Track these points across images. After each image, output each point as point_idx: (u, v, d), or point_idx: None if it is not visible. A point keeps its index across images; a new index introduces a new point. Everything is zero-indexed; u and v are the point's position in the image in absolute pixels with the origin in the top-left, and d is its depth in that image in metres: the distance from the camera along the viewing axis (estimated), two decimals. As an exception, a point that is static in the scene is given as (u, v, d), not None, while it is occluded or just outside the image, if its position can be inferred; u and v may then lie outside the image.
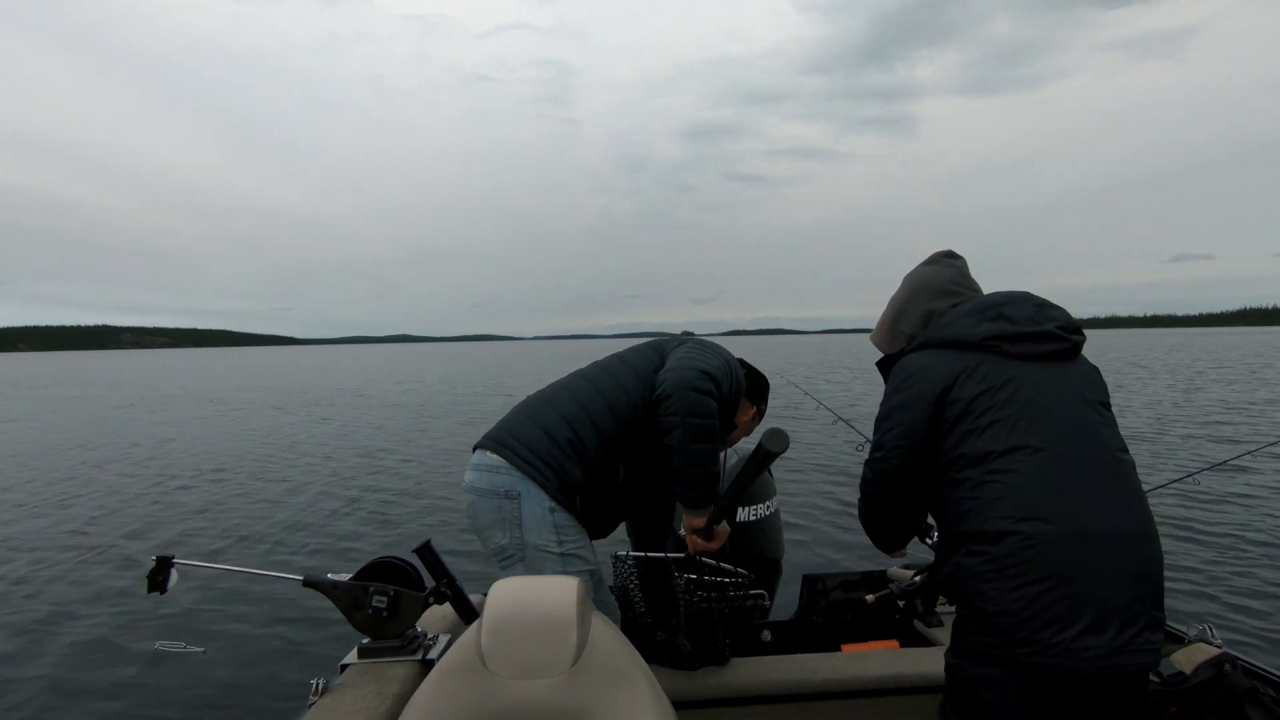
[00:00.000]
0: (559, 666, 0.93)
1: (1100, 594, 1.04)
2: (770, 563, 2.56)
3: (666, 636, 1.87)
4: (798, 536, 5.36)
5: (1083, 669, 1.03)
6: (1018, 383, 1.18)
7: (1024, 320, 1.24)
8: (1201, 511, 5.84)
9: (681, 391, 1.51)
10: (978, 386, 1.19)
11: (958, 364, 1.22)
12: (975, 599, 1.10)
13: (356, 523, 6.35)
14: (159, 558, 1.78)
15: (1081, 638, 1.02)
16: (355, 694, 1.51)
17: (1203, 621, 1.68)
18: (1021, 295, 1.30)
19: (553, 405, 1.66)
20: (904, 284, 1.48)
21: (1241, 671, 1.40)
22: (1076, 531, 1.06)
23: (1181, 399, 14.81)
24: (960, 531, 1.15)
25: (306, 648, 3.70)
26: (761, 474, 1.68)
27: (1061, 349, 1.23)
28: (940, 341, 1.28)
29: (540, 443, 1.58)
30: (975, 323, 1.26)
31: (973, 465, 1.15)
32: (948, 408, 1.20)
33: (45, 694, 3.30)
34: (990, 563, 1.09)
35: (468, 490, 1.63)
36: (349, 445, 11.09)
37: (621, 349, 1.83)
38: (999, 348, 1.22)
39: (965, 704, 1.15)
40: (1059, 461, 1.11)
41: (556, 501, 1.56)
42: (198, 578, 4.48)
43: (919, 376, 1.25)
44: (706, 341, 1.74)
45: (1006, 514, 1.09)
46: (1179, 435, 10.14)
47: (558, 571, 1.56)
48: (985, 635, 1.09)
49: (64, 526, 6.37)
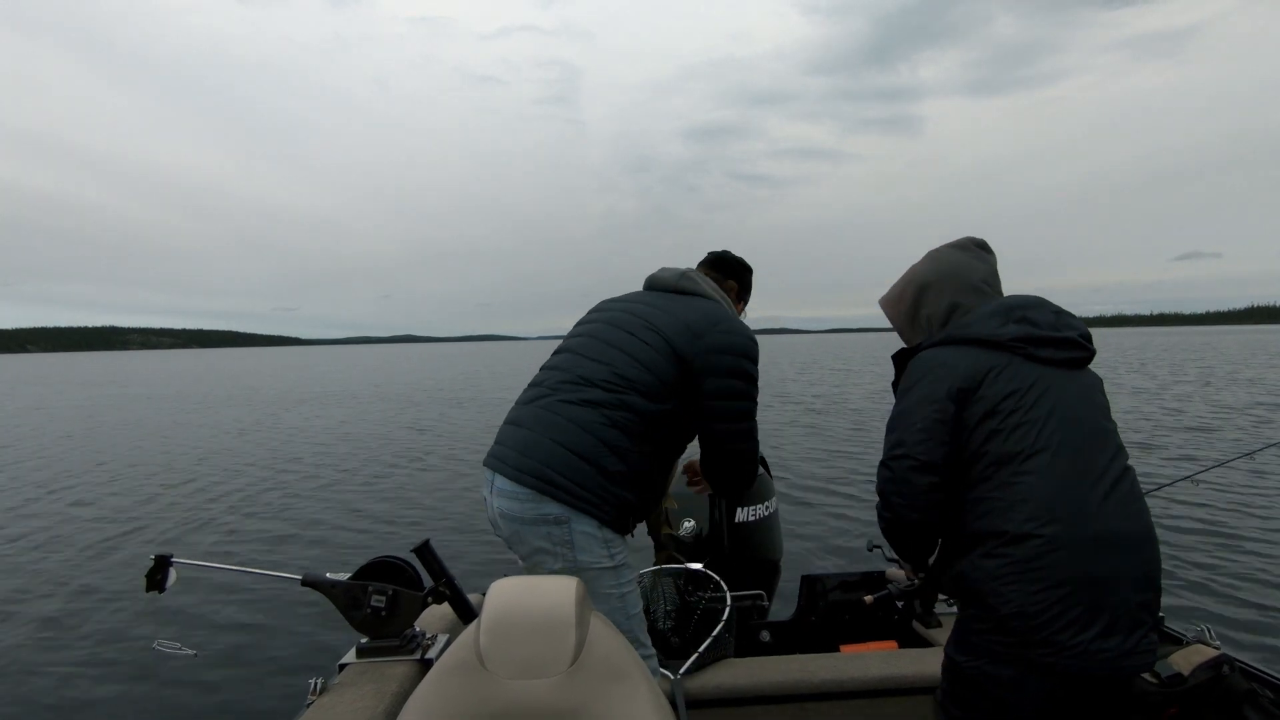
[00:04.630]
0: (558, 666, 0.93)
1: (1114, 598, 1.08)
2: (769, 563, 2.56)
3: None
4: (797, 537, 5.36)
5: (1098, 670, 1.07)
6: (1042, 386, 1.19)
7: (1047, 325, 1.24)
8: (1201, 512, 5.85)
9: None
10: (1006, 387, 1.18)
11: (985, 361, 1.21)
12: (993, 599, 1.11)
13: (355, 521, 6.35)
14: (157, 557, 1.78)
15: (1098, 640, 1.07)
16: (354, 693, 1.51)
17: (1201, 623, 1.68)
18: (1039, 300, 1.30)
19: (588, 430, 1.48)
20: (930, 262, 1.41)
21: (1239, 673, 1.40)
22: (1094, 537, 1.09)
23: (1178, 400, 14.82)
24: (977, 531, 1.16)
25: (304, 647, 3.70)
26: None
27: (1081, 357, 1.26)
28: (965, 339, 1.26)
29: (591, 479, 1.46)
30: (1001, 323, 1.25)
31: (998, 465, 1.15)
32: (973, 405, 1.19)
33: (44, 694, 3.30)
34: (1012, 565, 1.10)
35: (504, 518, 1.51)
36: (348, 444, 11.10)
37: (616, 335, 1.59)
38: (1026, 350, 1.22)
39: (973, 700, 1.17)
40: (1078, 467, 1.14)
41: (604, 520, 1.49)
42: (196, 577, 4.48)
43: (944, 370, 1.23)
44: (735, 341, 1.55)
45: (1031, 516, 1.10)
46: (1178, 436, 10.15)
47: (612, 585, 1.51)
48: (1000, 635, 1.11)
49: (64, 526, 6.37)
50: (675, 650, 1.89)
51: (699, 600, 2.03)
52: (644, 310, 1.60)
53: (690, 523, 2.40)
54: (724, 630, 1.90)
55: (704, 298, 1.64)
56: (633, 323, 1.58)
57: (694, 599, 2.04)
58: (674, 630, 1.96)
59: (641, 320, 1.58)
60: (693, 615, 1.99)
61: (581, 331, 1.66)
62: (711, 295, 1.66)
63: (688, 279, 1.67)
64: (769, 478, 2.62)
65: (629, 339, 1.55)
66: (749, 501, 2.45)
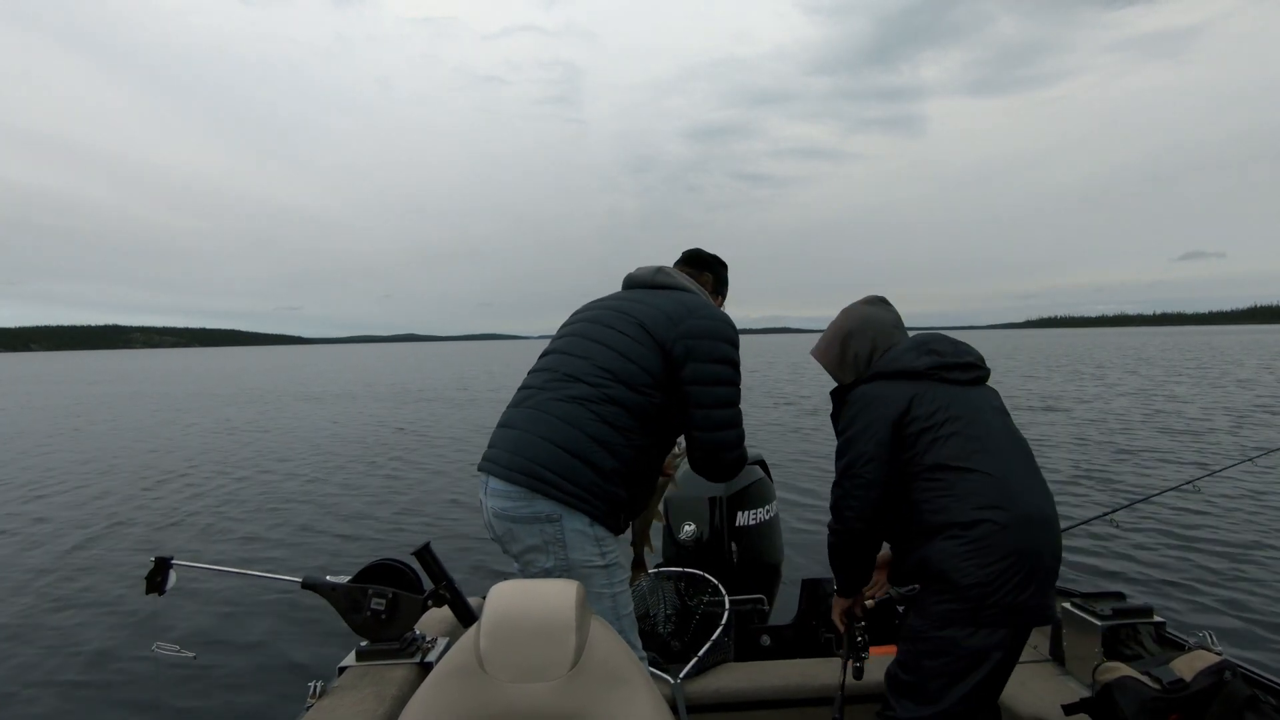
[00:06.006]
0: (557, 670, 0.93)
1: (1040, 565, 1.37)
2: (770, 567, 2.55)
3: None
4: (798, 541, 5.36)
5: (1031, 619, 1.38)
6: (960, 401, 1.47)
7: (950, 353, 1.53)
8: (1202, 518, 5.83)
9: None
10: (932, 406, 1.45)
11: (909, 389, 1.48)
12: (954, 575, 1.35)
13: (355, 524, 6.35)
14: (157, 559, 1.78)
15: (1032, 597, 1.36)
16: (353, 696, 1.51)
17: (1203, 629, 1.68)
18: (939, 335, 1.59)
19: (576, 426, 1.51)
20: (848, 318, 1.68)
21: (1241, 679, 1.40)
22: (1027, 517, 1.36)
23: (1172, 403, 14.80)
24: (934, 523, 1.39)
25: (304, 650, 3.70)
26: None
27: (980, 375, 1.55)
28: (891, 372, 1.52)
29: (582, 474, 1.48)
30: (916, 356, 1.52)
31: (942, 469, 1.40)
32: (908, 425, 1.45)
33: (43, 696, 3.30)
34: (968, 544, 1.35)
35: (498, 517, 1.53)
36: (348, 446, 11.10)
37: (598, 331, 1.63)
38: (939, 375, 1.49)
39: (932, 657, 1.39)
40: (1003, 461, 1.41)
41: (596, 518, 1.51)
42: (196, 579, 4.47)
43: (879, 402, 1.48)
44: (713, 326, 1.59)
45: (979, 505, 1.36)
46: (1179, 436, 10.14)
47: (604, 584, 1.52)
48: (959, 603, 1.36)
49: (62, 527, 6.37)
50: (675, 654, 1.89)
51: (698, 604, 2.03)
52: (624, 305, 1.65)
53: (691, 527, 2.40)
54: (723, 634, 1.90)
55: (681, 290, 1.70)
56: (613, 318, 1.63)
57: (693, 603, 2.04)
58: (674, 634, 1.96)
59: (621, 314, 1.62)
60: (692, 619, 1.99)
61: (566, 333, 1.70)
62: (688, 287, 1.72)
63: (663, 273, 1.74)
64: (769, 481, 2.62)
65: (610, 333, 1.60)
66: (749, 505, 2.45)
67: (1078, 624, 1.77)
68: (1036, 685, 1.70)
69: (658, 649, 1.91)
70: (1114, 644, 1.71)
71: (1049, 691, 1.67)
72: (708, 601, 2.03)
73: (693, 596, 2.07)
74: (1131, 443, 9.93)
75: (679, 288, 1.71)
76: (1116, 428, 11.42)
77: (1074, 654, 1.79)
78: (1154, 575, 4.61)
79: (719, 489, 2.42)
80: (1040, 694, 1.66)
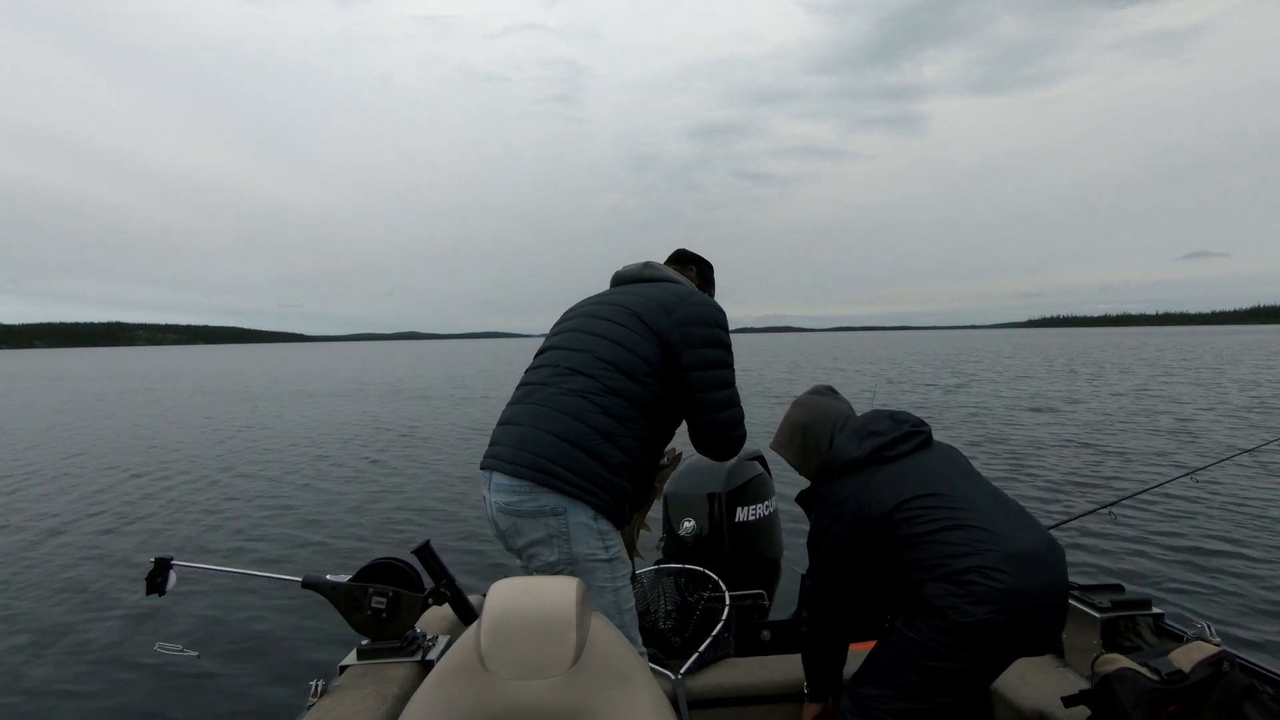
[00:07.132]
0: (558, 667, 0.93)
1: (1039, 601, 1.35)
2: (770, 562, 2.56)
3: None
4: (798, 535, 5.37)
5: (1032, 652, 1.42)
6: (914, 473, 1.47)
7: (888, 430, 1.54)
8: (1200, 509, 5.85)
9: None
10: (890, 490, 1.45)
11: (863, 482, 1.48)
12: (951, 614, 1.33)
13: (355, 523, 6.35)
14: (157, 559, 1.78)
15: (1036, 635, 1.39)
16: (354, 695, 1.51)
17: (1201, 620, 1.68)
18: (875, 414, 1.62)
19: (580, 419, 1.52)
20: (802, 410, 1.69)
21: (1240, 670, 1.40)
22: (1014, 555, 1.34)
23: (1164, 403, 14.83)
24: (931, 578, 1.38)
25: (305, 649, 3.70)
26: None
27: (922, 440, 1.56)
28: (840, 468, 1.54)
29: (587, 467, 1.49)
30: (858, 445, 1.54)
31: (922, 538, 1.39)
32: (872, 518, 1.44)
33: (43, 696, 3.30)
34: (962, 588, 1.34)
35: (502, 512, 1.52)
36: (348, 445, 11.09)
37: (594, 324, 1.66)
38: (882, 456, 1.51)
39: (919, 674, 1.37)
40: (974, 510, 1.41)
41: (600, 510, 1.51)
42: (196, 579, 4.47)
43: (840, 508, 1.50)
44: (705, 312, 1.63)
45: (966, 557, 1.35)
46: (1174, 431, 10.16)
47: (606, 578, 1.52)
48: (954, 637, 1.33)
49: (61, 527, 6.36)
50: (676, 650, 1.89)
51: (699, 600, 2.03)
52: (617, 298, 1.68)
53: (690, 522, 2.40)
54: (724, 630, 1.90)
55: (669, 280, 1.74)
56: (609, 310, 1.65)
57: (694, 599, 2.05)
58: (675, 630, 1.96)
59: (616, 307, 1.65)
60: (693, 615, 1.99)
61: (562, 329, 1.72)
62: (676, 278, 1.76)
63: (650, 267, 1.78)
64: (769, 477, 2.62)
65: (607, 325, 1.62)
66: (749, 501, 2.46)
67: (1076, 616, 1.77)
68: (1035, 677, 1.71)
69: (658, 645, 1.91)
70: (1113, 636, 1.71)
71: (1048, 684, 1.67)
72: (708, 597, 2.04)
73: (693, 592, 2.07)
74: (1130, 439, 9.96)
75: (667, 279, 1.74)
76: (1116, 424, 11.45)
77: (1073, 646, 1.79)
78: (1152, 567, 4.63)
79: (718, 485, 2.42)
80: (1039, 686, 1.67)
